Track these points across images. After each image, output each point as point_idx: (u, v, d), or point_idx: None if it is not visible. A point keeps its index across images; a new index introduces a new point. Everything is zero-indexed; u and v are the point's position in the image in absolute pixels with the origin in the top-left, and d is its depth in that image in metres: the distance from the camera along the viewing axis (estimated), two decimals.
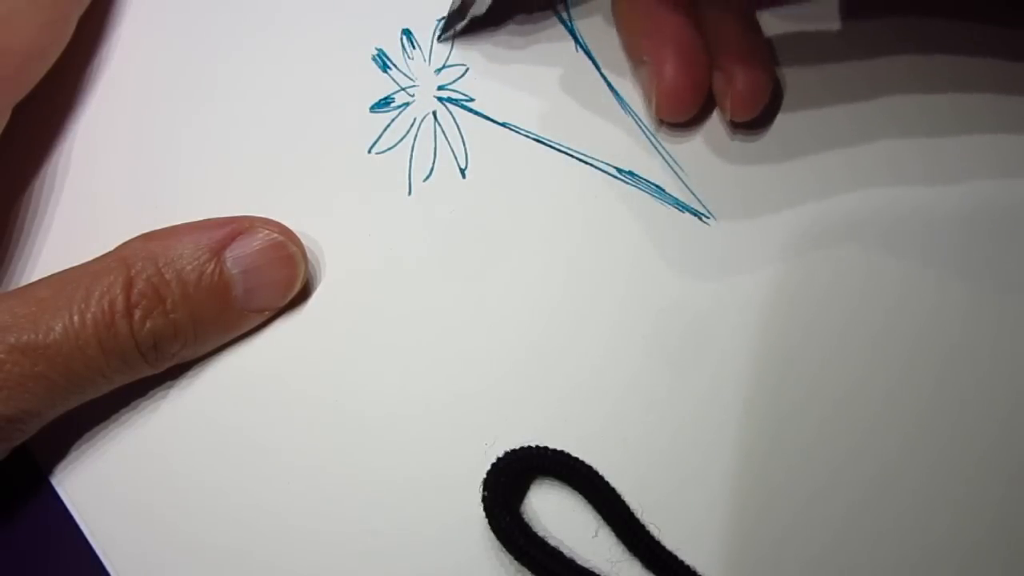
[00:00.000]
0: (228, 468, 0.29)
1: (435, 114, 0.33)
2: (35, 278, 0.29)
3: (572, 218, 0.31)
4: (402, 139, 0.32)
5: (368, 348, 0.30)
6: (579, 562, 0.27)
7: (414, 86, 0.33)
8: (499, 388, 0.29)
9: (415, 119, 0.33)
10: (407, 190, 0.32)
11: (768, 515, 0.28)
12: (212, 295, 0.29)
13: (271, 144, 0.33)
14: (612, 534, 0.28)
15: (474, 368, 0.30)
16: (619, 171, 0.32)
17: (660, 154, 0.32)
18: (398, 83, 0.33)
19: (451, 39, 0.33)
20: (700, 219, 0.31)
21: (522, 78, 0.33)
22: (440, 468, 0.29)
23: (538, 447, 0.28)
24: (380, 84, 0.33)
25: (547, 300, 0.30)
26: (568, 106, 0.33)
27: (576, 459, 0.28)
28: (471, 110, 0.33)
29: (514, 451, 0.28)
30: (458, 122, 0.33)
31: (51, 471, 0.29)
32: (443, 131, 0.33)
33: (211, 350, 0.30)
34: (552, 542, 0.27)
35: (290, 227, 0.30)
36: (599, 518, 0.28)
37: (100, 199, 0.32)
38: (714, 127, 0.32)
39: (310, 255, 0.31)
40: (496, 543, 0.27)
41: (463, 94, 0.33)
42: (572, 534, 0.28)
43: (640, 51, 0.31)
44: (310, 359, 0.30)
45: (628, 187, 0.32)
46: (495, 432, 0.29)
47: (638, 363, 0.29)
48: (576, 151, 0.32)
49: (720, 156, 0.32)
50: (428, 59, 0.34)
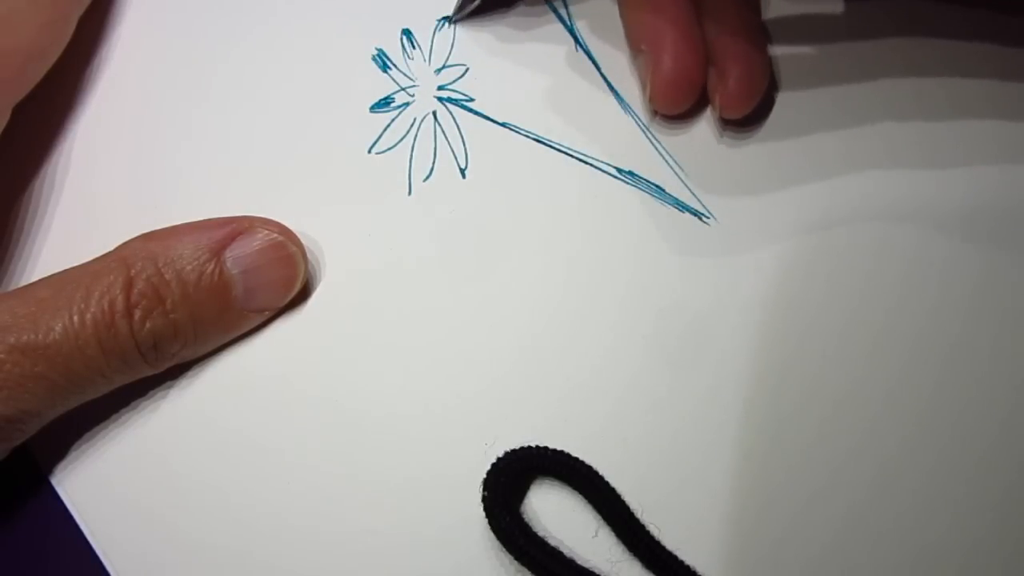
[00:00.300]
0: (228, 468, 0.29)
1: (435, 114, 0.33)
2: (35, 278, 0.29)
3: (572, 218, 0.31)
4: (402, 139, 0.33)
5: (368, 348, 0.30)
6: (579, 562, 0.27)
7: (414, 86, 0.33)
8: (499, 388, 0.29)
9: (415, 119, 0.33)
10: (407, 190, 0.32)
11: (768, 515, 0.28)
12: (212, 295, 0.29)
13: (271, 144, 0.33)
14: (612, 534, 0.28)
15: (474, 368, 0.30)
16: (619, 171, 0.32)
17: (660, 154, 0.32)
18: (398, 83, 0.33)
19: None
20: (700, 219, 0.31)
21: (522, 78, 0.33)
22: (440, 468, 0.29)
23: (538, 447, 0.28)
24: (380, 84, 0.33)
25: (547, 300, 0.30)
26: (568, 106, 0.33)
27: (576, 459, 0.28)
28: (471, 110, 0.33)
29: (514, 451, 0.28)
30: (458, 122, 0.33)
31: (51, 471, 0.29)
32: (443, 131, 0.33)
33: (211, 350, 0.30)
34: (552, 542, 0.27)
35: (290, 227, 0.30)
36: (599, 518, 0.28)
37: (100, 199, 0.32)
38: (714, 125, 0.32)
39: (310, 255, 0.31)
40: (496, 543, 0.27)
41: (463, 94, 0.33)
42: (572, 534, 0.28)
43: (640, 35, 0.31)
44: (310, 359, 0.30)
45: (628, 187, 0.32)
46: (495, 432, 0.29)
47: (638, 363, 0.29)
48: (576, 151, 0.32)
49: (720, 156, 0.32)
50: (428, 59, 0.34)
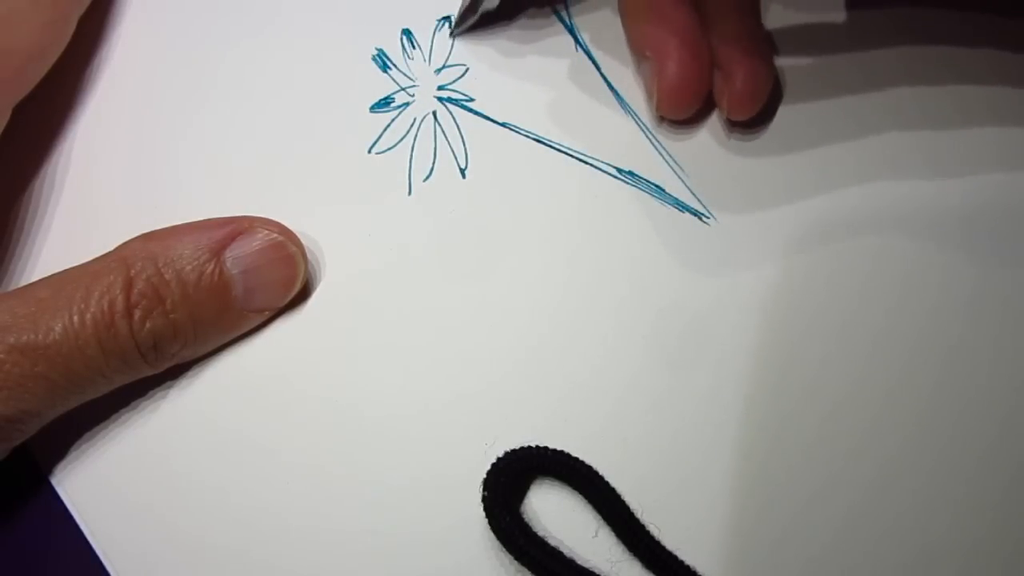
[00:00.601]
0: (228, 468, 0.29)
1: (435, 114, 0.33)
2: (35, 278, 0.29)
3: (572, 218, 0.31)
4: (402, 139, 0.32)
5: (368, 348, 0.30)
6: (579, 562, 0.27)
7: (414, 86, 0.33)
8: (499, 388, 0.29)
9: (415, 119, 0.33)
10: (407, 190, 0.32)
11: (768, 515, 0.28)
12: (212, 295, 0.29)
13: (271, 144, 0.33)
14: (612, 534, 0.28)
15: (474, 368, 0.30)
16: (619, 171, 0.32)
17: (660, 154, 0.32)
18: (398, 83, 0.33)
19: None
20: (700, 219, 0.31)
21: (522, 78, 0.33)
22: (440, 468, 0.29)
23: (538, 447, 0.28)
24: (380, 84, 0.33)
25: (547, 300, 0.30)
26: (568, 106, 0.33)
27: (576, 459, 0.28)
28: (471, 110, 0.33)
29: (514, 451, 0.28)
30: (458, 122, 0.33)
31: (51, 471, 0.29)
32: (443, 131, 0.33)
33: (211, 350, 0.30)
34: (552, 542, 0.27)
35: (290, 227, 0.30)
36: (599, 518, 0.28)
37: (100, 199, 0.32)
38: (714, 125, 0.32)
39: (310, 255, 0.31)
40: (496, 543, 0.27)
41: (463, 94, 0.33)
42: (572, 534, 0.28)
43: (643, 46, 0.31)
44: (310, 359, 0.30)
45: (628, 187, 0.31)
46: (495, 432, 0.29)
47: (638, 363, 0.29)
48: (576, 151, 0.32)
49: (720, 156, 0.32)
50: (428, 59, 0.34)
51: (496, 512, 0.27)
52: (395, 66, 0.34)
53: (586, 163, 0.32)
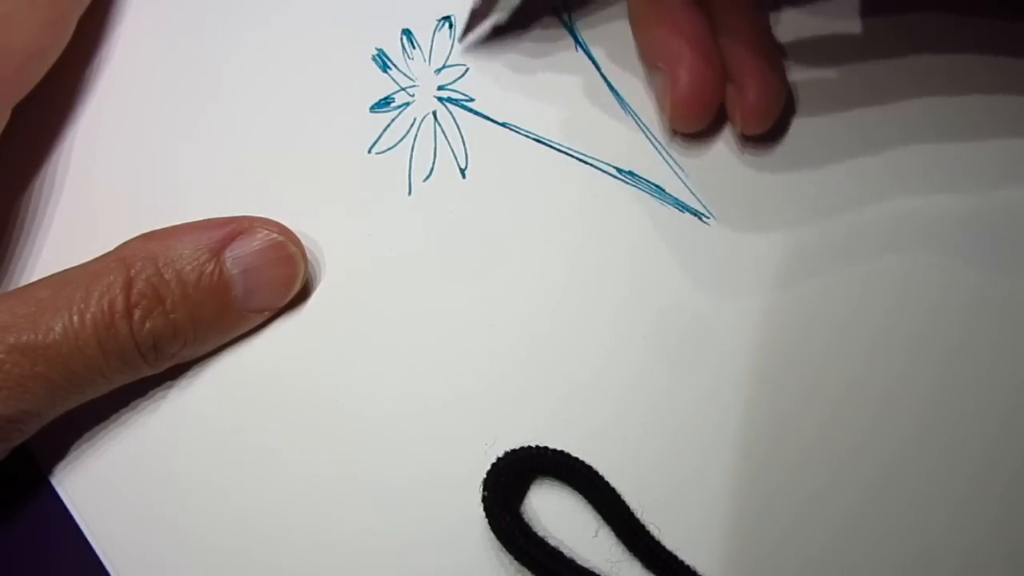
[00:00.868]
0: (228, 468, 0.29)
1: (435, 114, 0.33)
2: (35, 278, 0.29)
3: (572, 218, 0.31)
4: (402, 139, 0.33)
5: (368, 348, 0.30)
6: (579, 562, 0.27)
7: (414, 86, 0.33)
8: (499, 388, 0.29)
9: (415, 119, 0.33)
10: (407, 190, 0.32)
11: (768, 515, 0.28)
12: (212, 295, 0.29)
13: (271, 144, 0.33)
14: (612, 534, 0.28)
15: (474, 368, 0.30)
16: (619, 171, 0.32)
17: (660, 154, 0.32)
18: (398, 83, 0.33)
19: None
20: (700, 219, 0.31)
21: (522, 78, 0.33)
22: (440, 468, 0.29)
23: (538, 447, 0.28)
24: (380, 84, 0.33)
25: (547, 300, 0.30)
26: (568, 106, 0.33)
27: (576, 459, 0.28)
28: (471, 110, 0.33)
29: (514, 451, 0.28)
30: (458, 122, 0.33)
31: (51, 471, 0.29)
32: (443, 131, 0.33)
33: (211, 350, 0.30)
34: (552, 542, 0.27)
35: (290, 227, 0.30)
36: (599, 518, 0.28)
37: (100, 199, 0.32)
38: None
39: (310, 255, 0.31)
40: (496, 543, 0.27)
41: (463, 94, 0.33)
42: (572, 534, 0.28)
43: (655, 55, 0.31)
44: (310, 359, 0.30)
45: (628, 187, 0.31)
46: (495, 432, 0.29)
47: (638, 363, 0.29)
48: (576, 151, 0.32)
49: (720, 156, 0.32)
50: (428, 59, 0.34)
51: (496, 512, 0.27)
52: (395, 66, 0.34)
53: (586, 163, 0.32)
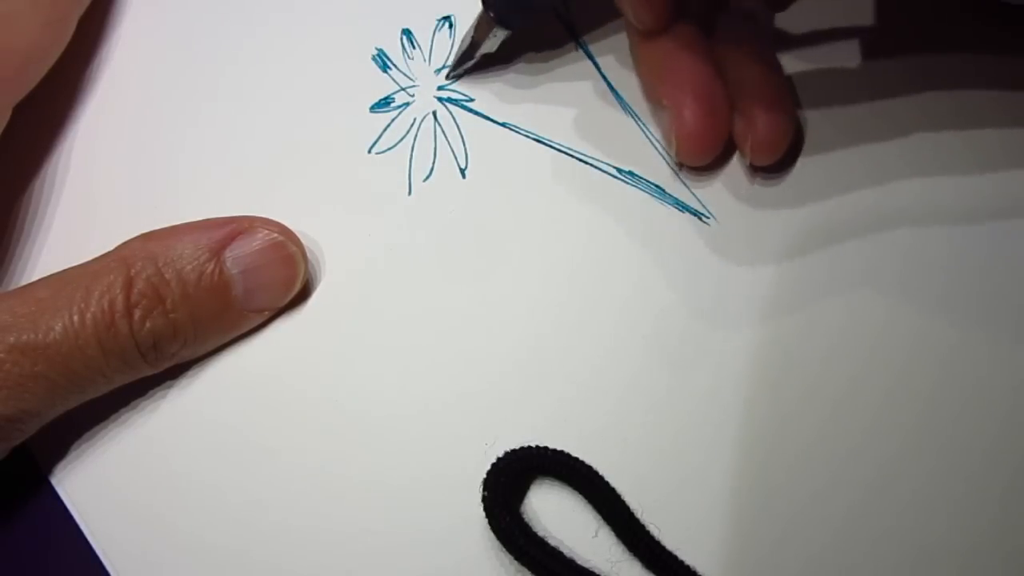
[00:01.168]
0: (228, 468, 0.29)
1: (435, 114, 0.33)
2: (35, 278, 0.29)
3: (572, 218, 0.31)
4: (402, 139, 0.32)
5: (368, 348, 0.30)
6: (579, 562, 0.27)
7: (414, 86, 0.33)
8: (499, 388, 0.29)
9: (415, 119, 0.33)
10: (407, 190, 0.32)
11: (768, 515, 0.28)
12: (212, 295, 0.29)
13: (271, 144, 0.33)
14: (612, 534, 0.28)
15: (474, 368, 0.30)
16: (619, 171, 0.32)
17: (660, 154, 0.32)
18: (398, 83, 0.33)
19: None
20: (700, 219, 0.31)
21: (522, 78, 0.33)
22: (440, 468, 0.29)
23: (538, 447, 0.28)
24: (380, 84, 0.33)
25: (547, 300, 0.30)
26: (568, 106, 0.33)
27: (576, 459, 0.28)
28: (471, 110, 0.33)
29: (514, 451, 0.28)
30: (458, 122, 0.33)
31: (51, 471, 0.29)
32: (443, 131, 0.33)
33: (211, 350, 0.30)
34: (552, 542, 0.27)
35: (290, 227, 0.30)
36: (599, 518, 0.28)
37: (100, 199, 0.32)
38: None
39: (310, 255, 0.31)
40: (496, 543, 0.27)
41: (463, 94, 0.33)
42: (572, 534, 0.28)
43: (659, 95, 0.31)
44: (310, 359, 0.30)
45: (628, 187, 0.31)
46: (495, 432, 0.29)
47: (638, 363, 0.29)
48: (576, 151, 0.32)
49: (720, 156, 0.31)
50: (428, 59, 0.34)
51: (496, 512, 0.27)
52: (395, 66, 0.34)
53: (586, 163, 0.32)
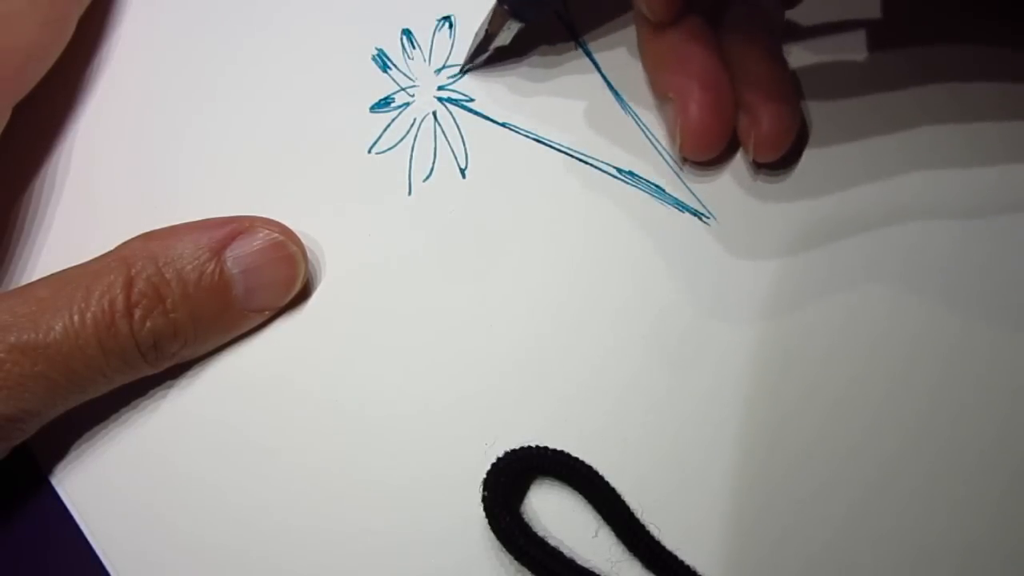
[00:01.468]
0: (228, 468, 0.29)
1: (435, 114, 0.33)
2: (35, 278, 0.29)
3: (572, 218, 0.31)
4: (402, 139, 0.33)
5: (368, 348, 0.30)
6: (579, 562, 0.27)
7: (414, 86, 0.33)
8: (499, 388, 0.29)
9: (415, 119, 0.33)
10: (407, 190, 0.32)
11: (768, 515, 0.28)
12: (212, 295, 0.29)
13: (271, 144, 0.33)
14: (612, 534, 0.28)
15: (474, 368, 0.30)
16: (619, 171, 0.32)
17: (660, 154, 0.32)
18: (398, 83, 0.33)
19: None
20: (700, 219, 0.31)
21: (522, 78, 0.33)
22: (440, 468, 0.29)
23: (538, 447, 0.28)
24: (380, 84, 0.33)
25: (547, 300, 0.30)
26: (568, 106, 0.33)
27: (576, 459, 0.28)
28: (471, 110, 0.33)
29: (514, 451, 0.28)
30: (458, 122, 0.33)
31: (51, 471, 0.29)
32: (443, 131, 0.33)
33: (211, 350, 0.30)
34: (552, 542, 0.27)
35: (290, 227, 0.30)
36: (599, 518, 0.28)
37: (100, 199, 0.32)
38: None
39: (310, 255, 0.31)
40: (496, 543, 0.27)
41: (463, 94, 0.33)
42: (572, 534, 0.28)
43: (665, 88, 0.31)
44: (310, 359, 0.30)
45: (628, 187, 0.32)
46: (495, 432, 0.29)
47: (638, 363, 0.29)
48: (576, 151, 0.32)
49: (720, 156, 0.31)
50: (428, 59, 0.34)
51: (496, 512, 0.27)
52: (395, 66, 0.34)
53: (586, 163, 0.32)
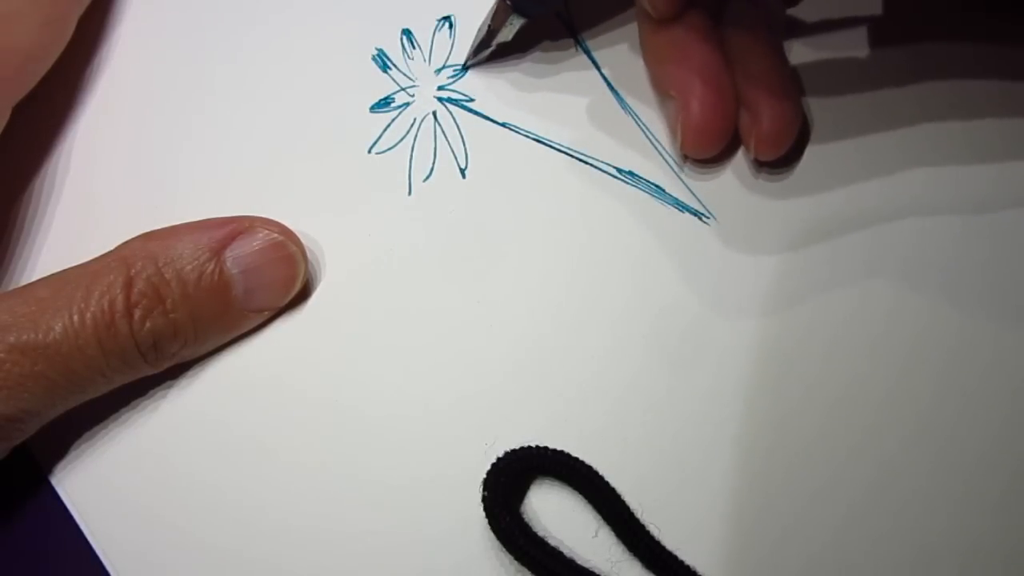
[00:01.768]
0: (228, 468, 0.29)
1: (435, 114, 0.33)
2: (35, 278, 0.29)
3: (572, 218, 0.31)
4: (402, 139, 0.33)
5: (368, 348, 0.30)
6: (579, 562, 0.27)
7: (414, 86, 0.33)
8: (499, 388, 0.29)
9: (415, 119, 0.33)
10: (407, 190, 0.32)
11: (768, 515, 0.28)
12: (212, 295, 0.29)
13: (271, 144, 0.33)
14: (612, 534, 0.28)
15: (474, 368, 0.30)
16: (619, 171, 0.32)
17: (660, 154, 0.32)
18: (398, 83, 0.33)
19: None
20: (700, 219, 0.31)
21: (522, 78, 0.33)
22: (440, 468, 0.29)
23: (538, 447, 0.28)
24: (380, 84, 0.33)
25: (547, 300, 0.30)
26: (568, 106, 0.33)
27: (576, 459, 0.28)
28: (471, 110, 0.33)
29: (514, 451, 0.28)
30: (458, 122, 0.33)
31: (51, 471, 0.29)
32: (443, 131, 0.33)
33: (211, 350, 0.30)
34: (552, 542, 0.27)
35: (290, 227, 0.30)
36: (599, 518, 0.28)
37: (100, 199, 0.32)
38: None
39: (310, 255, 0.31)
40: (496, 543, 0.27)
41: (463, 94, 0.33)
42: (572, 534, 0.28)
43: (667, 84, 0.31)
44: (310, 359, 0.30)
45: (628, 187, 0.32)
46: (495, 432, 0.29)
47: (638, 363, 0.29)
48: (576, 151, 0.32)
49: (720, 156, 0.31)
50: (428, 59, 0.34)
51: (496, 512, 0.27)
52: (395, 66, 0.34)
53: (586, 163, 0.32)
